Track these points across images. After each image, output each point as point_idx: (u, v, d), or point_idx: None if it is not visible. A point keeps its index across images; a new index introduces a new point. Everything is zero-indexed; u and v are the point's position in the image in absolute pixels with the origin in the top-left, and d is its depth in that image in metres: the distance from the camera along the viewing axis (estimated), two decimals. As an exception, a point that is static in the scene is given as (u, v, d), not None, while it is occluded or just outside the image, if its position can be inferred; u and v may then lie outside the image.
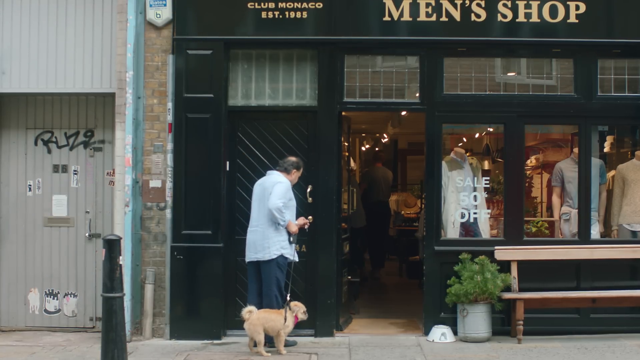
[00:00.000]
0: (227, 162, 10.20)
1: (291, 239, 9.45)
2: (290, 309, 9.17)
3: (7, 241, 10.55)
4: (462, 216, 10.44)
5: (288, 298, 9.31)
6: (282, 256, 9.40)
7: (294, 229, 9.44)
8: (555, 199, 10.91)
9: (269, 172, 9.74)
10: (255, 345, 9.09)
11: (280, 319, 9.07)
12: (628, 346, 9.40)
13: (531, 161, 13.20)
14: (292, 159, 9.72)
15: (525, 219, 10.57)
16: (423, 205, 12.36)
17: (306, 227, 9.74)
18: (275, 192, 9.28)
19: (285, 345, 9.19)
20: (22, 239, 10.53)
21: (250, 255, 9.50)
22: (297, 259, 9.59)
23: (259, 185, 9.63)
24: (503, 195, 10.41)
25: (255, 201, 9.60)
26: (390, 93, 10.32)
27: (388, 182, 15.77)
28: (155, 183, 10.12)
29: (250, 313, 9.03)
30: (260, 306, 9.25)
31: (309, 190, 10.11)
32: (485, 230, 10.53)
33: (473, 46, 10.21)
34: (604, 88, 10.26)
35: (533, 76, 10.38)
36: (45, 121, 10.55)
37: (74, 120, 10.53)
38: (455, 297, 9.68)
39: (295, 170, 9.66)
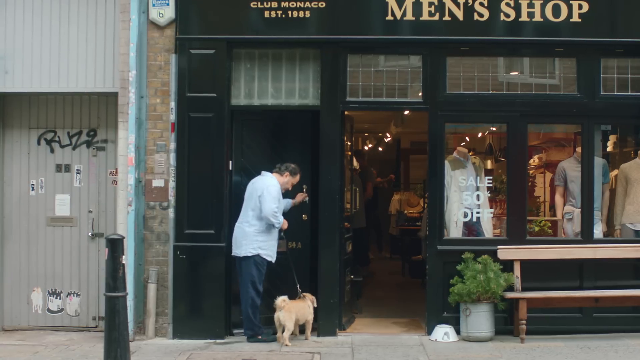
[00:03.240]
0: (230, 162, 10.20)
1: (282, 234, 9.93)
2: (308, 299, 9.83)
3: (10, 240, 10.56)
4: (465, 215, 10.43)
5: (299, 289, 9.83)
6: (259, 256, 9.71)
7: (285, 225, 9.89)
8: (558, 199, 10.90)
9: (265, 173, 9.97)
10: (282, 332, 9.58)
11: (308, 308, 9.74)
12: (631, 345, 9.39)
13: (534, 160, 13.18)
14: (291, 164, 10.00)
15: (528, 218, 10.56)
16: (426, 205, 12.36)
17: (306, 200, 10.25)
18: (266, 197, 9.63)
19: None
20: (25, 239, 10.54)
21: (234, 250, 9.88)
22: (274, 260, 9.89)
23: (250, 184, 9.95)
24: (506, 195, 10.40)
25: (245, 199, 9.90)
26: (393, 92, 10.31)
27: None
28: (158, 182, 10.12)
29: (285, 302, 9.52)
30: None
31: (304, 189, 10.18)
32: (488, 230, 10.52)
33: (476, 45, 10.20)
34: (607, 87, 10.24)
35: (536, 75, 10.37)
36: (48, 120, 10.56)
37: (77, 120, 10.54)
38: (458, 297, 9.68)
39: (288, 173, 9.93)
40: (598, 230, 10.46)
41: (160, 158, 10.12)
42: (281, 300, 9.54)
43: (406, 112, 12.98)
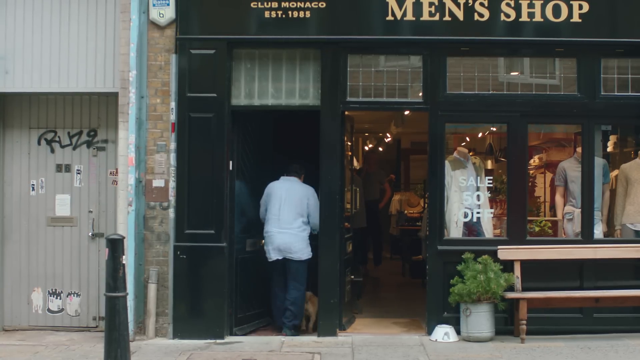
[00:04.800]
0: (231, 162, 10.20)
1: None
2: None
3: (11, 241, 10.56)
4: (465, 216, 10.42)
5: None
6: (309, 257, 10.38)
7: None
8: (559, 199, 10.90)
9: (287, 177, 10.45)
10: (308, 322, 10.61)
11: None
12: (631, 346, 9.39)
13: (534, 160, 13.18)
14: (297, 165, 10.48)
15: (529, 218, 10.56)
16: (426, 205, 12.35)
17: None
18: (317, 207, 10.21)
19: None
20: (25, 239, 10.54)
21: (285, 254, 10.19)
22: None
23: (284, 190, 10.33)
24: (506, 195, 10.39)
25: (284, 204, 10.28)
26: (394, 92, 10.31)
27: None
28: (158, 182, 10.12)
29: (312, 295, 10.43)
30: (284, 300, 10.28)
31: None
32: (488, 230, 10.52)
33: (476, 46, 10.20)
34: (607, 87, 10.24)
35: (536, 76, 10.37)
36: (49, 120, 10.56)
37: (77, 120, 10.54)
38: (458, 297, 9.68)
39: (303, 175, 10.53)
40: (598, 231, 10.46)
41: (160, 158, 10.12)
42: (310, 295, 10.38)
43: (406, 112, 12.97)
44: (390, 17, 10.02)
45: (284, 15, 10.01)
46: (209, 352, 9.31)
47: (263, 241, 10.61)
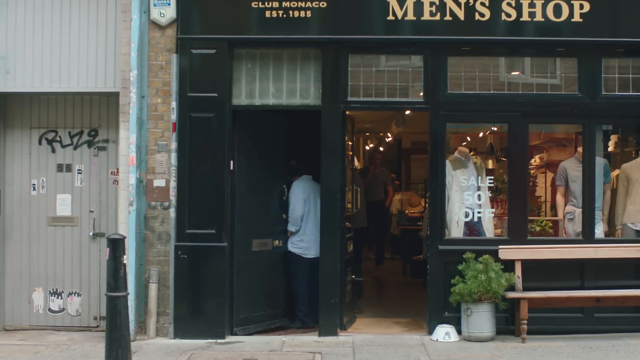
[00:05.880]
0: (232, 162, 10.20)
1: None
2: None
3: (11, 240, 10.57)
4: (466, 215, 10.42)
5: None
6: None
7: None
8: (559, 198, 10.90)
9: (308, 176, 10.87)
10: None
11: None
12: (632, 345, 9.39)
13: (535, 160, 13.19)
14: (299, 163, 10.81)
15: (530, 218, 10.56)
16: (427, 205, 12.36)
17: None
18: None
19: None
20: (26, 238, 10.55)
21: (316, 252, 10.45)
22: None
23: (313, 190, 10.73)
24: (507, 195, 10.39)
25: (319, 204, 10.37)
26: (394, 92, 10.30)
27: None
28: (159, 182, 10.12)
29: None
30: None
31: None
32: (489, 230, 10.51)
33: (477, 45, 10.20)
34: (608, 87, 10.24)
35: (537, 75, 10.37)
36: (50, 120, 10.57)
37: (78, 120, 10.54)
38: (459, 297, 9.68)
39: None
40: (599, 230, 10.46)
41: (161, 158, 10.13)
42: None
43: (407, 112, 12.98)
44: (391, 17, 10.02)
45: (284, 15, 10.01)
46: (210, 352, 9.32)
47: (277, 242, 10.61)
